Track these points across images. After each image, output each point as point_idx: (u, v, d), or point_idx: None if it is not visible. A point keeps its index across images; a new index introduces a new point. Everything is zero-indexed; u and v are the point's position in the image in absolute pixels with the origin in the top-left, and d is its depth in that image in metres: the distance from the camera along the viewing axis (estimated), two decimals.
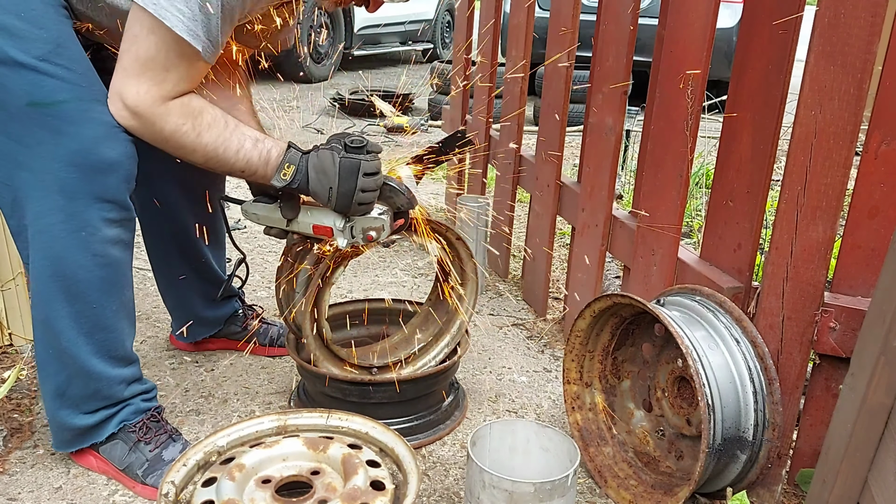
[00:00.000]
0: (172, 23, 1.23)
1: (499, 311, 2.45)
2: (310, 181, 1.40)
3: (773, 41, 1.44)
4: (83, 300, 1.38)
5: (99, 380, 1.46)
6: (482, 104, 2.83)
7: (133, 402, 1.54)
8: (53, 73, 1.27)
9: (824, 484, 1.26)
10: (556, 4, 2.21)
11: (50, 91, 1.26)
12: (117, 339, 1.46)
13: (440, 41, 9.23)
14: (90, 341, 1.42)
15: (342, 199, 1.40)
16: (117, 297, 1.43)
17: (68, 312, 1.39)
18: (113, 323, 1.44)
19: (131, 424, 1.53)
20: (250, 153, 1.37)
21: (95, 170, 1.30)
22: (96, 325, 1.42)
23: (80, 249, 1.34)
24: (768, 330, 1.47)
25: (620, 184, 3.45)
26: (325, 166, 1.39)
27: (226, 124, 1.36)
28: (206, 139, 1.33)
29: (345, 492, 1.26)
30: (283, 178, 1.38)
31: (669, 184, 1.72)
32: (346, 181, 1.39)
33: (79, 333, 1.41)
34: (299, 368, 1.76)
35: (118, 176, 1.33)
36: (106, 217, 1.34)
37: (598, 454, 1.65)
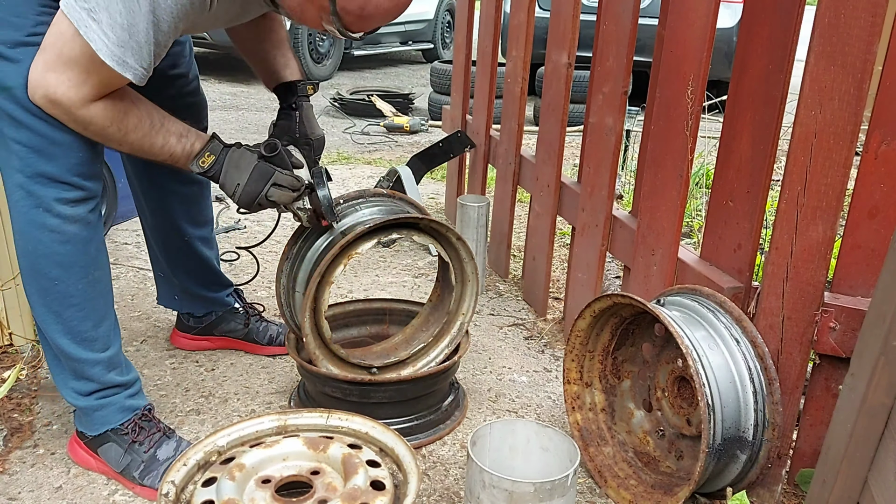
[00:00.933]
0: (98, 46, 1.23)
1: (499, 311, 2.45)
2: (222, 173, 1.48)
3: (773, 41, 1.44)
4: (45, 276, 1.42)
5: (72, 360, 1.48)
6: (482, 104, 2.83)
7: (116, 399, 1.54)
8: (16, 58, 1.29)
9: (824, 484, 1.26)
10: (556, 4, 2.21)
11: (10, 75, 1.30)
12: (87, 320, 1.47)
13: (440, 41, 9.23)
14: (58, 320, 1.45)
15: (245, 198, 1.49)
16: (82, 276, 1.45)
17: (36, 288, 1.44)
18: (81, 302, 1.46)
19: (122, 426, 1.54)
20: (174, 147, 1.42)
21: (49, 152, 1.35)
22: (63, 304, 1.44)
23: (37, 226, 1.38)
24: (768, 330, 1.47)
25: (620, 184, 3.45)
26: (241, 164, 1.48)
27: (151, 124, 1.39)
28: (132, 138, 1.38)
29: (345, 492, 1.26)
30: (200, 164, 1.45)
31: (669, 184, 1.72)
32: (254, 182, 1.49)
33: (48, 311, 1.45)
34: (299, 368, 1.76)
35: (70, 157, 1.37)
36: (60, 196, 1.38)
37: (598, 454, 1.65)
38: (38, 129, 1.33)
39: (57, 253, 1.41)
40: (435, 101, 5.74)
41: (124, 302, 2.37)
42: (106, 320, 1.52)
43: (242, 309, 2.08)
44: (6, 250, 1.98)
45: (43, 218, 1.38)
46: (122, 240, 2.90)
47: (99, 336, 1.50)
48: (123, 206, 3.00)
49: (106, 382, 1.52)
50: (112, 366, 1.53)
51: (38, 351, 2.03)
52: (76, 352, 1.47)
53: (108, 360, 1.52)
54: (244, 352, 2.09)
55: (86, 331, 1.48)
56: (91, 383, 1.51)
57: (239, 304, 2.08)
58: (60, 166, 1.36)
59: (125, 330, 2.19)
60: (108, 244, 2.84)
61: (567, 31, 2.16)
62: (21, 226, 1.40)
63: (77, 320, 1.46)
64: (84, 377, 1.50)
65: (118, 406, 1.54)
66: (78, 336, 1.47)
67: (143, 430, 1.55)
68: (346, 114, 5.85)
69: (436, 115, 5.61)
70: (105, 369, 1.51)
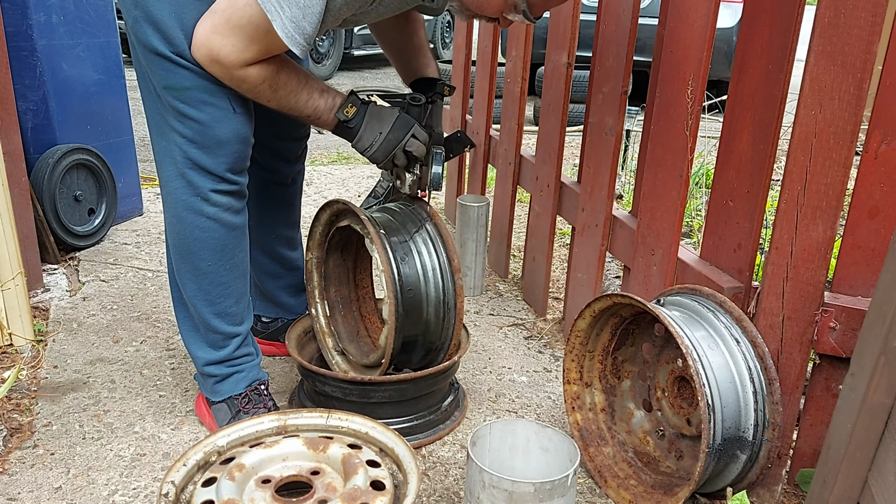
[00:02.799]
0: (273, 17, 1.33)
1: (499, 311, 2.45)
2: (364, 124, 1.58)
3: (773, 41, 1.44)
4: (197, 257, 1.59)
5: (215, 332, 1.66)
6: (482, 104, 2.83)
7: (243, 366, 1.71)
8: (185, 65, 1.44)
9: (824, 484, 1.26)
10: None
11: (180, 78, 1.46)
12: (230, 297, 1.65)
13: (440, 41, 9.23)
14: (206, 297, 1.63)
15: (386, 145, 1.60)
16: (229, 258, 1.62)
17: (188, 268, 1.61)
18: (227, 282, 1.63)
19: (237, 395, 1.70)
20: (317, 101, 1.53)
21: (209, 146, 1.50)
22: (212, 283, 1.62)
23: (194, 213, 1.55)
24: (768, 330, 1.47)
25: (620, 184, 3.45)
26: (382, 115, 1.60)
27: (297, 81, 1.50)
28: (281, 94, 1.49)
29: (345, 492, 1.26)
30: (345, 114, 1.55)
31: (669, 184, 1.72)
32: (396, 131, 1.60)
33: (198, 288, 1.62)
34: (299, 368, 1.76)
35: (228, 152, 1.52)
36: (216, 188, 1.53)
37: (598, 454, 1.65)
38: (205, 126, 1.48)
39: (209, 237, 1.57)
40: None
41: (124, 302, 2.37)
42: (244, 298, 1.69)
43: None
44: (6, 250, 1.98)
45: (200, 206, 1.54)
46: (121, 240, 2.90)
47: (238, 311, 1.68)
48: (123, 206, 3.00)
49: (238, 354, 1.70)
50: (245, 339, 1.71)
51: (38, 351, 2.04)
52: (220, 325, 1.65)
53: (245, 333, 1.70)
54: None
55: (229, 307, 1.65)
56: (223, 351, 1.68)
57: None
58: (217, 161, 1.51)
59: (125, 330, 2.19)
60: (108, 244, 2.84)
61: (567, 31, 2.16)
62: (178, 212, 1.56)
63: (222, 297, 1.64)
64: (221, 347, 1.68)
65: (240, 377, 1.70)
66: (222, 311, 1.65)
67: (251, 402, 1.70)
68: None
69: None
70: (240, 341, 1.69)
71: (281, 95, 1.48)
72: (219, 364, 1.68)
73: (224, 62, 1.40)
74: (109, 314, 2.29)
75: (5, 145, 2.11)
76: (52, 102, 2.61)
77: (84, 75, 2.72)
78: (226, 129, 1.49)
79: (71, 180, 2.69)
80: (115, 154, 2.89)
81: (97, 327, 2.21)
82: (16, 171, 2.21)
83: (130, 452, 1.64)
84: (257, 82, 1.44)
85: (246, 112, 1.53)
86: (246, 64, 1.40)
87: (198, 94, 1.46)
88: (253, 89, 1.46)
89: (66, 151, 2.62)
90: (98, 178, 2.82)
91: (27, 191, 2.32)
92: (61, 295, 2.40)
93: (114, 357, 2.04)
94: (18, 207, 2.19)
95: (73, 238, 2.70)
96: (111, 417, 1.77)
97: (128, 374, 1.96)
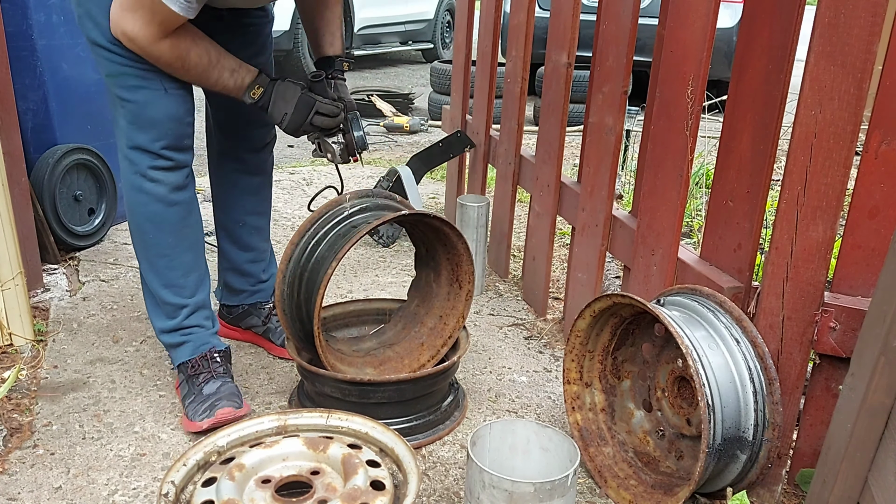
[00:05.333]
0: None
1: (499, 311, 2.45)
2: (271, 104, 1.69)
3: (773, 41, 1.44)
4: (141, 230, 1.72)
5: (164, 302, 1.77)
6: (482, 104, 2.83)
7: (192, 336, 1.81)
8: (117, 52, 1.57)
9: (824, 484, 1.26)
10: (556, 4, 2.21)
11: (116, 65, 1.59)
12: (176, 269, 1.75)
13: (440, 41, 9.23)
14: (152, 268, 1.75)
15: (291, 125, 1.71)
16: (171, 232, 1.72)
17: (137, 240, 1.75)
18: (170, 253, 1.74)
19: (187, 361, 1.79)
20: (227, 81, 1.64)
21: (144, 126, 1.63)
22: (157, 254, 1.73)
23: (136, 189, 1.68)
24: (768, 330, 1.47)
25: (620, 184, 3.45)
26: (287, 95, 1.69)
27: (209, 61, 1.61)
28: (193, 73, 1.61)
29: (345, 492, 1.26)
30: (251, 96, 1.67)
31: (669, 184, 1.72)
32: (299, 112, 1.70)
33: (145, 260, 1.76)
34: (299, 368, 1.76)
35: (163, 131, 1.63)
36: (153, 164, 1.65)
37: (598, 454, 1.65)
38: (140, 107, 1.61)
39: (149, 211, 1.69)
40: (435, 101, 5.74)
41: (124, 302, 2.37)
42: (194, 271, 1.79)
43: (269, 306, 2.13)
44: (6, 250, 1.98)
45: (140, 182, 1.67)
46: (121, 240, 2.90)
47: (187, 284, 1.78)
48: (123, 207, 3.00)
49: (187, 323, 1.79)
50: (196, 310, 1.80)
51: (38, 351, 2.04)
52: (167, 296, 1.77)
53: (194, 305, 1.79)
54: (261, 348, 2.12)
55: (175, 278, 1.76)
56: (173, 321, 1.79)
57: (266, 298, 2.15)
58: (152, 139, 1.63)
59: (125, 330, 2.19)
60: (108, 244, 2.84)
61: (567, 31, 2.16)
62: (126, 189, 1.70)
63: (168, 269, 1.75)
64: (171, 317, 1.79)
65: (191, 345, 1.80)
66: (169, 283, 1.76)
67: (198, 368, 1.78)
68: None
69: (436, 114, 5.61)
70: (189, 311, 1.79)
71: (193, 74, 1.61)
72: (170, 333, 1.80)
73: (137, 38, 1.51)
74: (109, 314, 2.29)
75: (5, 145, 2.11)
76: (52, 102, 2.61)
77: (84, 75, 2.72)
78: (159, 109, 1.62)
79: (71, 180, 2.69)
80: (115, 154, 2.85)
81: (97, 327, 2.21)
82: (16, 171, 2.21)
83: (130, 452, 1.64)
84: (171, 60, 1.56)
85: (179, 92, 1.64)
86: (156, 38, 1.52)
87: (131, 80, 1.59)
88: (168, 66, 1.58)
89: (66, 151, 2.62)
90: (98, 178, 2.82)
91: (27, 191, 2.32)
92: (61, 295, 2.40)
93: (114, 357, 2.05)
94: (18, 207, 2.19)
95: (73, 238, 2.70)
96: (111, 417, 1.77)
97: (128, 374, 1.96)
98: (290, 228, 3.11)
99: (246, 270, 2.09)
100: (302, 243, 1.74)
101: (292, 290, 1.74)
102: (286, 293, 1.73)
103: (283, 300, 1.73)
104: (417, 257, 1.96)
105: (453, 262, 1.87)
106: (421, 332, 1.92)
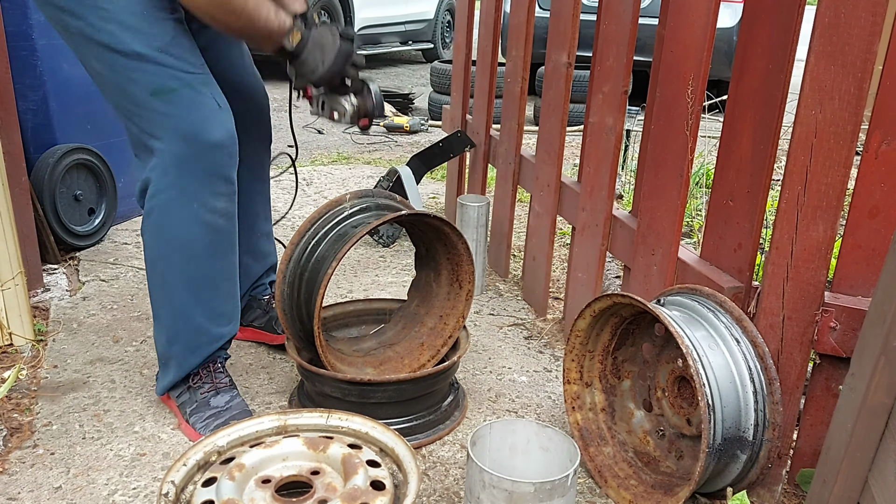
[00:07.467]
0: None
1: (499, 311, 2.45)
2: (306, 51, 1.59)
3: (773, 41, 1.44)
4: (196, 264, 1.60)
5: (202, 335, 1.67)
6: (482, 104, 2.83)
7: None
8: (170, 63, 1.45)
9: (824, 484, 1.26)
10: (556, 4, 2.21)
11: (167, 79, 1.45)
12: (221, 298, 1.67)
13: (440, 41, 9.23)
14: (199, 301, 1.63)
15: (327, 73, 1.62)
16: (222, 261, 1.64)
17: (183, 276, 1.61)
18: (218, 284, 1.65)
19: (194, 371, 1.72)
20: (273, 22, 1.52)
21: (205, 148, 1.49)
22: (205, 287, 1.63)
23: (193, 220, 1.55)
24: (768, 330, 1.47)
25: (620, 184, 3.45)
26: (325, 43, 1.60)
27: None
28: (249, 6, 1.46)
29: (345, 492, 1.26)
30: (290, 42, 1.56)
31: (669, 184, 1.72)
32: (336, 63, 1.61)
33: (190, 294, 1.62)
34: (299, 368, 1.76)
35: (223, 153, 1.52)
36: (214, 190, 1.54)
37: (598, 454, 1.65)
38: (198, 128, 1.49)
39: (209, 244, 1.61)
40: (435, 101, 5.74)
41: (124, 302, 2.37)
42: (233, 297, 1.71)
43: (265, 297, 2.11)
44: (6, 250, 1.98)
45: (198, 212, 1.56)
46: (121, 240, 2.90)
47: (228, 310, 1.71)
48: (123, 206, 3.00)
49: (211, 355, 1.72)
50: (230, 336, 1.73)
51: (38, 351, 2.04)
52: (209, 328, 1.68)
53: (230, 332, 1.73)
54: (262, 347, 2.11)
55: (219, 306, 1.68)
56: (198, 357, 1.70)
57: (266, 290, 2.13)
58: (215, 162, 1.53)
59: (124, 330, 2.19)
60: (108, 244, 2.84)
61: (567, 31, 2.16)
62: (175, 221, 1.58)
63: (216, 299, 1.67)
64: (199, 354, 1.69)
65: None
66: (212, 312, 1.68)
67: (202, 378, 1.72)
68: None
69: (436, 114, 5.61)
70: (222, 344, 1.72)
71: (250, 9, 1.47)
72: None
73: None
74: (109, 314, 2.29)
75: (5, 145, 2.11)
76: (52, 102, 2.61)
77: (84, 75, 2.67)
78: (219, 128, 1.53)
79: (71, 180, 2.69)
80: (115, 154, 2.88)
81: (97, 327, 2.21)
82: (16, 170, 2.21)
83: (130, 452, 1.64)
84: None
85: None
86: None
87: (188, 94, 1.50)
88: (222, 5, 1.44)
89: (66, 151, 2.62)
90: (98, 178, 2.82)
91: (27, 190, 2.32)
92: (61, 295, 2.40)
93: (114, 357, 2.04)
94: (18, 207, 2.19)
95: (73, 238, 2.70)
96: (111, 417, 1.77)
97: (128, 373, 1.96)
98: (291, 228, 3.11)
99: (255, 273, 2.08)
100: (302, 243, 1.74)
101: (292, 290, 1.74)
102: (286, 293, 1.73)
103: (284, 300, 1.73)
104: (417, 257, 1.96)
105: (453, 262, 1.87)
106: (421, 332, 1.92)
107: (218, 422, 1.65)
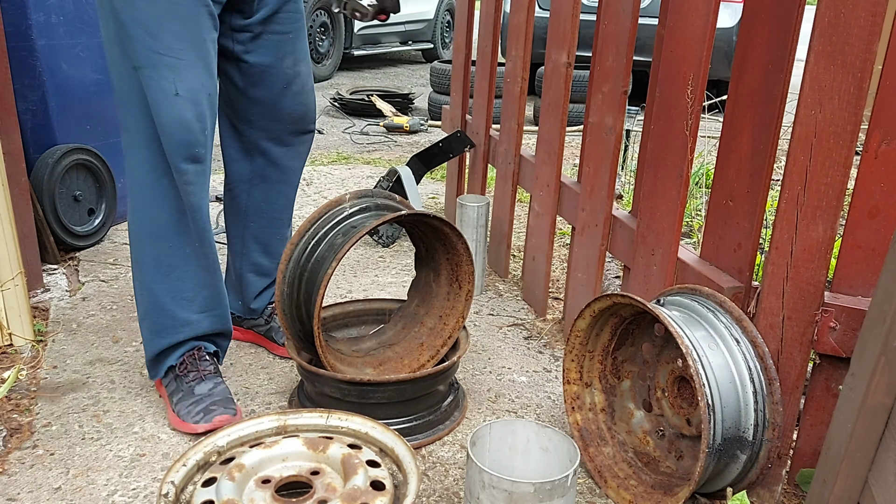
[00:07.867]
0: None
1: (498, 311, 2.45)
2: None
3: (773, 41, 1.44)
4: (163, 242, 1.64)
5: (166, 315, 1.70)
6: (482, 104, 2.83)
7: (188, 343, 1.76)
8: (144, 41, 1.47)
9: (824, 484, 1.26)
10: (556, 4, 2.21)
11: (137, 56, 1.48)
12: (188, 282, 1.69)
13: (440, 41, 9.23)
14: (165, 280, 1.67)
15: None
16: (191, 242, 1.66)
17: (152, 252, 1.66)
18: (186, 267, 1.67)
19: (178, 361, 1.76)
20: None
21: (171, 128, 1.52)
22: (171, 267, 1.66)
23: (161, 196, 1.59)
24: (768, 330, 1.47)
25: (620, 184, 3.45)
26: None
27: None
28: None
29: (345, 492, 1.26)
30: None
31: (669, 184, 1.72)
32: None
33: (157, 271, 1.67)
34: (298, 368, 1.76)
35: (171, 140, 1.53)
36: (181, 168, 1.56)
37: (598, 454, 1.65)
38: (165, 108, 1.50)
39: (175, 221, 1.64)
40: (435, 101, 5.74)
41: (124, 302, 2.37)
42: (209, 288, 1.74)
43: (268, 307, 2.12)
44: (6, 250, 1.98)
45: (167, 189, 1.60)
46: (121, 240, 2.90)
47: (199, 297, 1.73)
48: (123, 206, 3.00)
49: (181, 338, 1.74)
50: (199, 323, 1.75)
51: (38, 351, 2.04)
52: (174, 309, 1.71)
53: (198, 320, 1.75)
54: (262, 348, 2.11)
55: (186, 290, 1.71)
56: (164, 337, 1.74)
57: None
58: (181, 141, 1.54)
59: (124, 330, 2.19)
60: (108, 244, 2.84)
61: (567, 31, 2.16)
62: (147, 197, 1.62)
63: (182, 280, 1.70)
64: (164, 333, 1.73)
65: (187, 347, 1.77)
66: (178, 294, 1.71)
67: (187, 366, 1.75)
68: (345, 113, 5.85)
69: (435, 114, 5.61)
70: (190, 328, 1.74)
71: None
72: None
73: None
74: (109, 314, 2.29)
75: (5, 145, 2.11)
76: (51, 102, 2.61)
77: (83, 75, 2.72)
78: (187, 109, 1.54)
79: (71, 180, 2.69)
80: (115, 154, 2.88)
81: (97, 327, 2.21)
82: (16, 171, 2.21)
83: (130, 453, 1.64)
84: None
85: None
86: None
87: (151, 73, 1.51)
88: None
89: (65, 151, 2.62)
90: (98, 178, 2.82)
91: (27, 191, 2.32)
92: (61, 295, 2.40)
93: (113, 357, 2.04)
94: (18, 207, 2.19)
95: (72, 238, 2.70)
96: (111, 417, 1.77)
97: (127, 374, 1.96)
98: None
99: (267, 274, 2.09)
100: (302, 243, 1.74)
101: (292, 290, 1.74)
102: (286, 293, 1.73)
103: (283, 300, 1.73)
104: (417, 257, 1.96)
105: (453, 262, 1.87)
106: (421, 333, 1.92)
107: (199, 408, 1.68)
